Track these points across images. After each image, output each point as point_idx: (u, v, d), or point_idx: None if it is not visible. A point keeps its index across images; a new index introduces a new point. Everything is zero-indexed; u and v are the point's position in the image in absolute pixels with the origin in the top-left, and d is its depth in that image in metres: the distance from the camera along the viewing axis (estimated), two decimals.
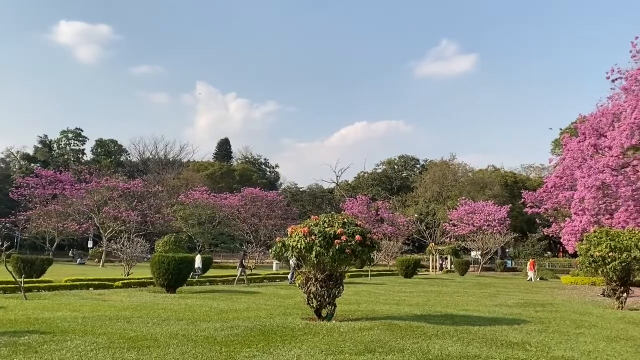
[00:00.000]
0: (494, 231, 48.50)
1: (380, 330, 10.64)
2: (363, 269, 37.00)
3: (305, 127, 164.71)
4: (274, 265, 37.09)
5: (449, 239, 56.07)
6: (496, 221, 51.18)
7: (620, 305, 17.57)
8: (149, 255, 25.82)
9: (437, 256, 48.51)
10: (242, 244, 49.89)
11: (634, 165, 24.06)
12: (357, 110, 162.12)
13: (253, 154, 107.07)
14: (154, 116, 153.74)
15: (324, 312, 12.35)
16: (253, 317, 12.50)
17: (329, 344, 8.97)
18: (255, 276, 28.14)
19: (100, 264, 44.50)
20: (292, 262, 23.40)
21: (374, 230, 55.38)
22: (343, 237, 11.75)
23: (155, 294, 18.35)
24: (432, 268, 46.97)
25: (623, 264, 17.09)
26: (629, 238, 17.21)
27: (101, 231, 49.14)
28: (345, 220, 12.62)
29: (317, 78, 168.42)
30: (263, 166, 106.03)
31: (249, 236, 54.07)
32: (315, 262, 11.92)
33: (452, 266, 47.25)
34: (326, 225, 12.07)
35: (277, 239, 12.86)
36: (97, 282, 20.75)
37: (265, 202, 57.51)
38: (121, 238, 26.33)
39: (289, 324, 11.21)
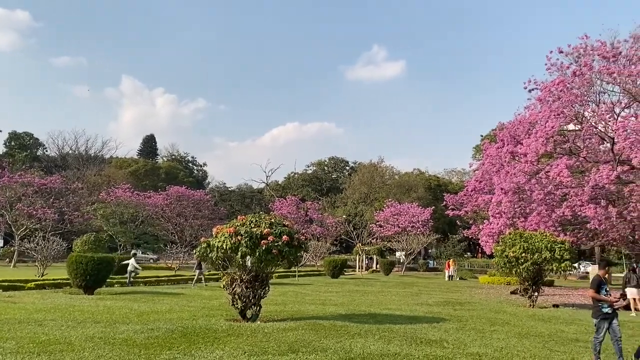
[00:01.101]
0: (418, 232, 50.03)
1: (304, 331, 10.69)
2: (291, 269, 37.03)
3: (236, 126, 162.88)
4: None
5: (375, 239, 57.26)
6: (420, 223, 52.83)
7: (531, 304, 18.64)
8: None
9: (364, 256, 49.41)
10: (166, 244, 48.43)
11: (546, 172, 25.56)
12: (289, 111, 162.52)
13: (180, 152, 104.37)
14: (75, 110, 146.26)
15: (248, 313, 12.24)
16: (175, 318, 12.17)
17: (253, 345, 8.91)
18: (179, 277, 27.44)
19: (12, 264, 41.73)
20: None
21: (303, 230, 55.53)
22: (270, 238, 11.70)
23: (72, 295, 17.44)
24: (359, 268, 47.80)
25: (535, 265, 18.19)
26: (540, 240, 18.33)
27: (13, 229, 46.10)
28: (273, 220, 12.58)
29: (250, 77, 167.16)
30: (190, 164, 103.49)
31: (174, 236, 52.60)
32: (241, 262, 11.79)
33: (378, 266, 48.31)
34: (253, 226, 11.98)
35: (202, 239, 12.61)
36: (6, 284, 19.42)
37: (192, 201, 56.14)
38: (36, 237, 24.79)
39: (213, 326, 11.02)
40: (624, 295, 19.30)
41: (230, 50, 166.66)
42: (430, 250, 63.54)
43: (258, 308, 12.32)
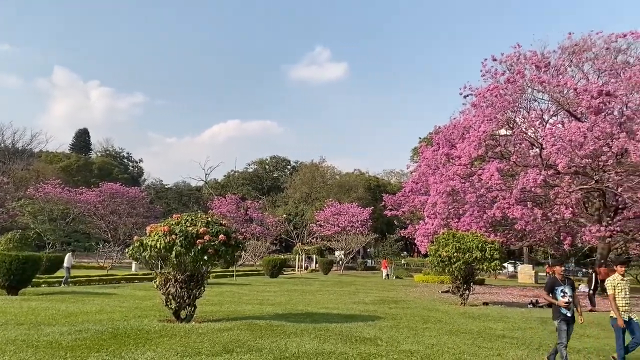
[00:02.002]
0: (357, 232, 50.71)
1: (240, 331, 10.58)
2: (229, 269, 36.61)
3: (175, 122, 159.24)
4: (133, 265, 35.21)
5: (315, 239, 57.57)
6: (359, 222, 53.57)
7: (462, 302, 19.30)
8: None
9: (304, 256, 49.53)
10: (98, 242, 46.60)
11: (479, 174, 26.55)
12: (231, 108, 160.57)
13: (115, 147, 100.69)
14: (2, 100, 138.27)
15: (183, 314, 11.98)
16: (105, 319, 11.74)
17: (186, 346, 8.73)
18: (112, 277, 26.49)
19: None
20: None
21: (243, 230, 55.09)
22: (206, 237, 11.51)
23: None
24: (298, 267, 47.88)
25: (466, 264, 18.84)
26: (472, 240, 19.00)
27: None
28: (210, 219, 12.38)
29: (191, 73, 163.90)
30: (126, 160, 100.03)
31: (107, 234, 50.71)
32: (176, 262, 11.53)
33: (317, 265, 48.57)
34: (188, 224, 11.74)
35: (135, 238, 12.24)
36: None
37: (126, 198, 54.26)
38: None
39: (145, 327, 10.70)
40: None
41: (171, 44, 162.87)
42: (369, 250, 64.55)
43: (193, 308, 12.08)
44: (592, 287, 20.92)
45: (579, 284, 31.63)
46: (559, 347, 8.27)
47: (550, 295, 8.48)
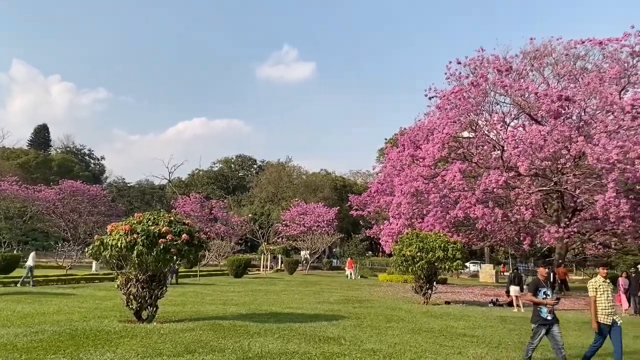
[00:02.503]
0: (323, 232, 50.83)
1: (202, 331, 10.46)
2: (192, 269, 36.17)
3: (139, 119, 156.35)
4: (94, 265, 34.36)
5: (281, 239, 57.43)
6: (325, 222, 53.71)
7: (425, 301, 19.57)
8: None
9: (269, 256, 49.32)
10: (57, 241, 45.30)
11: (442, 175, 26.97)
12: (197, 106, 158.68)
13: (76, 144, 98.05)
14: None
15: (144, 314, 11.77)
16: (64, 320, 11.42)
17: (147, 347, 8.58)
18: (71, 277, 25.79)
19: None
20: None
21: (207, 229, 54.50)
22: (169, 236, 11.35)
23: None
24: (263, 267, 47.63)
25: (429, 263, 19.12)
26: (435, 240, 19.30)
27: None
28: (173, 218, 12.21)
29: (156, 69, 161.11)
30: (87, 157, 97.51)
31: (66, 233, 49.34)
32: (137, 262, 11.32)
33: (282, 265, 48.44)
34: (150, 223, 11.55)
35: (96, 237, 11.96)
36: None
37: (87, 196, 52.91)
38: None
39: (105, 327, 10.47)
40: (508, 293, 20.86)
41: (136, 40, 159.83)
42: (334, 250, 64.80)
43: (154, 309, 11.89)
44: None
45: None
46: (527, 346, 8.22)
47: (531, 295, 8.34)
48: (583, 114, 25.34)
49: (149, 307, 11.77)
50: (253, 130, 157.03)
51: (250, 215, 63.84)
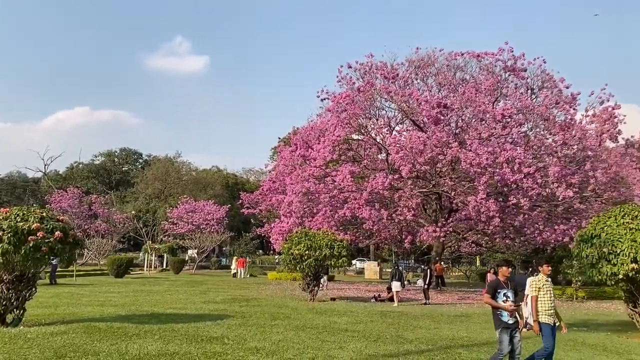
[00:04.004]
0: (212, 230, 49.90)
1: (76, 334, 9.84)
2: (69, 268, 33.78)
3: (11, 105, 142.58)
4: None
5: (167, 237, 55.51)
6: (215, 220, 52.77)
7: (312, 298, 19.96)
8: None
9: (154, 255, 47.47)
10: None
11: (332, 176, 27.67)
12: (79, 94, 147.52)
13: None
14: None
15: (9, 318, 10.84)
16: None
17: (10, 353, 7.91)
18: None
19: None
20: None
21: (86, 226, 51.31)
22: (40, 234, 10.53)
23: None
24: (147, 267, 45.75)
25: (317, 261, 19.54)
26: (322, 238, 19.76)
27: None
28: (45, 214, 11.34)
29: (33, 52, 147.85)
30: None
31: None
32: (2, 261, 10.37)
33: (168, 265, 46.88)
34: (19, 220, 10.65)
35: None
36: None
37: None
38: None
39: None
40: (389, 289, 21.89)
41: (15, 19, 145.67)
42: (224, 248, 63.89)
43: (21, 312, 10.97)
44: (427, 282, 22.86)
45: (417, 279, 34.53)
46: (496, 355, 7.46)
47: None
48: (460, 121, 27.28)
49: (15, 309, 10.85)
50: (142, 123, 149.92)
51: (134, 212, 60.92)
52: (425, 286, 22.44)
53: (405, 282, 29.45)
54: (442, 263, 35.63)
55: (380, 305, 19.69)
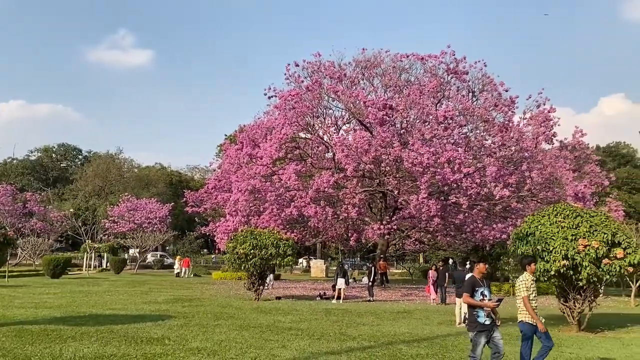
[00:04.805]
0: (155, 229, 48.70)
1: (6, 338, 9.41)
2: (0, 269, 32.14)
3: None
4: None
5: (108, 236, 53.74)
6: (157, 219, 51.53)
7: (257, 297, 19.84)
8: None
9: (93, 254, 45.84)
10: None
11: (279, 175, 27.60)
12: (14, 86, 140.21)
13: None
14: None
15: None
16: None
17: None
18: None
19: None
20: None
21: (20, 225, 48.93)
22: None
23: None
24: (86, 267, 44.13)
25: (262, 260, 19.43)
26: (268, 237, 19.67)
27: None
28: None
29: None
30: None
31: None
32: None
33: (108, 264, 45.40)
34: None
35: None
36: None
37: None
38: None
39: None
40: (334, 287, 22.01)
41: None
42: (167, 248, 62.51)
43: None
44: (371, 279, 23.19)
45: (362, 277, 34.99)
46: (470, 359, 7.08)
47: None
48: (404, 122, 27.84)
49: None
50: (82, 118, 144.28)
51: (72, 210, 58.59)
52: (369, 283, 22.75)
53: (351, 280, 29.84)
54: (387, 260, 36.28)
55: (325, 303, 19.81)
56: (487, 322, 6.87)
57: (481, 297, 6.95)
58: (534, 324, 7.42)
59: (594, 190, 26.92)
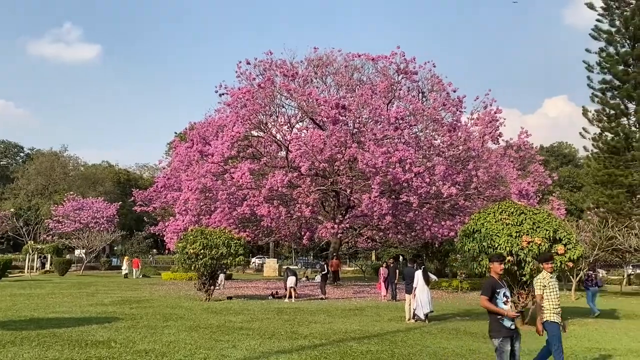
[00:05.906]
0: (102, 229, 47.27)
1: None
2: None
3: None
4: None
5: (51, 236, 51.71)
6: (104, 218, 50.04)
7: (207, 297, 19.57)
8: None
9: (36, 256, 44.01)
10: None
11: (231, 173, 27.28)
12: None
13: None
14: None
15: None
16: None
17: None
18: None
19: None
20: None
21: None
22: None
23: None
24: (29, 269, 42.32)
25: (213, 260, 19.18)
26: (219, 237, 19.45)
27: None
28: None
29: None
30: None
31: None
32: None
33: (52, 266, 43.69)
34: None
35: None
36: None
37: None
38: None
39: None
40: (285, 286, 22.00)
41: None
42: (115, 248, 60.75)
43: None
44: (323, 277, 23.28)
45: (316, 275, 35.10)
46: None
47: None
48: (357, 122, 28.09)
49: None
50: (25, 113, 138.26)
51: (13, 210, 56.10)
52: (322, 282, 22.85)
53: (304, 279, 29.87)
54: (339, 258, 36.48)
55: (277, 302, 19.76)
56: (513, 327, 6.13)
57: (504, 299, 6.20)
58: (558, 322, 7.28)
59: (537, 188, 28.03)
